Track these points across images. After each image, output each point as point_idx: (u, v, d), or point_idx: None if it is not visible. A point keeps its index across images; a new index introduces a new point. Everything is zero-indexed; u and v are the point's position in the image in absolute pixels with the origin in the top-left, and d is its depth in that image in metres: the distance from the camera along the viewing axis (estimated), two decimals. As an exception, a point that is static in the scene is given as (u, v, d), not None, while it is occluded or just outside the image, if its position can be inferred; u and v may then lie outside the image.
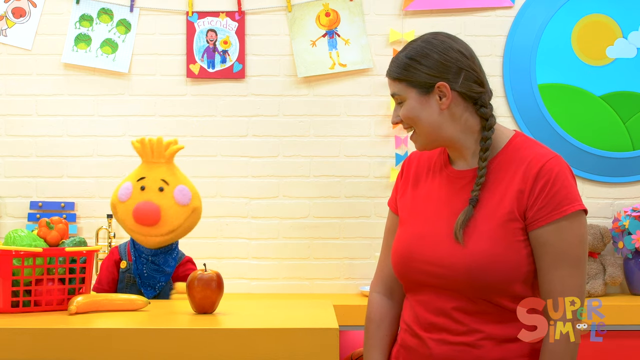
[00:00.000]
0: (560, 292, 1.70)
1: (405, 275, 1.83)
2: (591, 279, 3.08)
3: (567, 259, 1.70)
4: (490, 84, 1.83)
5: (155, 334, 1.62)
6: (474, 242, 1.72)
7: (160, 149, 2.39)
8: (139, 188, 2.36)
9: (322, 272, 3.19)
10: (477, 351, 1.73)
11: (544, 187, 1.71)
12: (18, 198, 3.18)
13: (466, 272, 1.70)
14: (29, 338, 1.62)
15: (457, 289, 1.73)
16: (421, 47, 1.77)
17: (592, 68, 3.21)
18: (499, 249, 1.71)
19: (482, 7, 3.23)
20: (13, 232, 1.95)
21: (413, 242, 1.81)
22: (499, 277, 1.70)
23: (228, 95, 3.21)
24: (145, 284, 2.37)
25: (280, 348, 1.59)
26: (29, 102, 3.19)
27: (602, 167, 3.20)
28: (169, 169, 2.39)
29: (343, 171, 3.21)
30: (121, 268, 2.40)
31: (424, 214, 1.83)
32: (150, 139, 2.39)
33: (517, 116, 3.20)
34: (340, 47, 3.20)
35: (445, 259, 1.73)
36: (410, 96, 1.78)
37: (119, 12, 3.19)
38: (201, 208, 2.43)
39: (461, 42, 1.80)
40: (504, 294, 1.71)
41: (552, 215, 1.70)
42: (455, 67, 1.75)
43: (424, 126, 1.78)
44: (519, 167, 1.75)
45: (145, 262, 2.38)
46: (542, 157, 1.74)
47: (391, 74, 1.81)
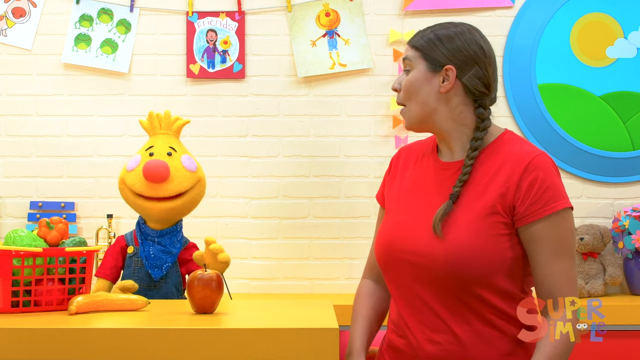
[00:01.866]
0: (563, 285, 1.70)
1: (387, 266, 1.84)
2: (591, 279, 3.07)
3: (565, 251, 1.72)
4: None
5: (155, 334, 1.62)
6: (453, 234, 1.73)
7: (168, 121, 2.53)
8: (147, 154, 2.47)
9: (322, 272, 3.19)
10: (464, 350, 1.73)
11: (533, 183, 1.72)
12: (18, 198, 3.18)
13: (445, 263, 1.71)
14: (29, 338, 1.62)
15: (437, 281, 1.74)
16: (450, 31, 1.81)
17: (592, 68, 3.21)
18: (478, 241, 1.71)
19: (482, 7, 3.23)
20: (13, 232, 1.95)
21: (394, 231, 1.82)
22: (479, 269, 1.70)
23: (228, 95, 3.22)
24: (153, 264, 2.43)
25: (280, 348, 1.59)
26: (29, 102, 3.19)
27: (602, 167, 3.20)
28: (176, 140, 2.54)
29: (343, 171, 3.21)
30: (128, 253, 2.48)
31: (408, 203, 1.84)
32: (158, 113, 2.54)
33: (517, 116, 3.20)
34: (340, 47, 3.20)
35: (425, 249, 1.74)
36: (418, 67, 1.81)
37: (119, 12, 3.19)
38: (205, 181, 2.55)
39: (489, 44, 1.84)
40: (486, 287, 1.72)
41: (544, 211, 1.71)
42: (470, 59, 1.79)
43: (418, 101, 1.81)
44: (505, 163, 1.76)
45: (152, 243, 2.45)
46: (528, 154, 1.75)
47: (412, 42, 1.84)
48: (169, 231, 2.47)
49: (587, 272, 3.08)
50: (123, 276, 2.48)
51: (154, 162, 2.42)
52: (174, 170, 2.43)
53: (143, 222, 2.50)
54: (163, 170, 2.41)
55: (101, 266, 2.50)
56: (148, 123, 2.54)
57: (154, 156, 2.45)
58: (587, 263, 3.09)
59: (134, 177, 2.45)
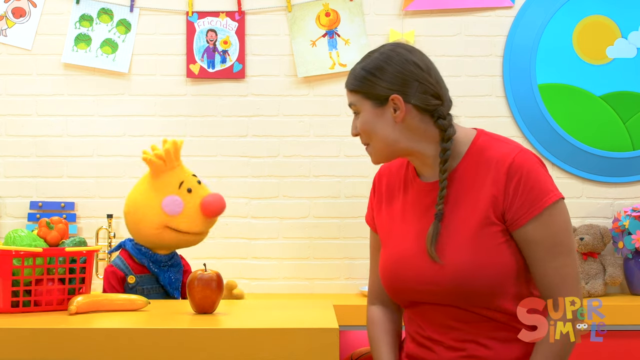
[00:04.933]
0: (559, 283, 1.70)
1: (397, 296, 1.85)
2: (591, 279, 3.07)
3: (559, 249, 1.70)
4: (490, 84, 1.84)
5: (155, 334, 1.62)
6: (452, 255, 1.71)
7: (178, 151, 2.43)
8: (186, 191, 2.38)
9: (322, 272, 3.19)
10: (488, 352, 1.73)
11: (518, 186, 1.70)
12: (18, 198, 3.18)
13: (452, 286, 1.70)
14: (29, 338, 1.62)
15: (449, 303, 1.74)
16: (378, 60, 1.78)
17: (592, 68, 3.21)
18: (480, 257, 1.70)
19: (482, 7, 3.23)
20: (13, 232, 1.95)
21: (395, 264, 1.82)
22: (486, 284, 1.69)
23: (228, 95, 3.21)
24: (175, 287, 2.39)
25: (280, 348, 1.59)
26: (29, 102, 3.19)
27: (602, 167, 3.20)
28: (183, 165, 2.47)
29: (343, 171, 3.21)
30: (129, 284, 2.36)
31: (400, 232, 1.83)
32: (167, 148, 2.40)
33: (517, 116, 3.20)
34: (340, 47, 3.20)
35: (429, 278, 1.73)
36: (365, 108, 1.80)
37: (119, 12, 3.19)
38: None
39: (419, 54, 1.79)
40: (498, 296, 1.71)
41: (531, 212, 1.69)
42: (410, 80, 1.75)
43: (378, 138, 1.79)
44: (488, 171, 1.73)
45: (168, 268, 2.41)
46: (507, 155, 1.72)
47: (348, 86, 1.83)
48: (173, 252, 2.45)
49: (587, 272, 3.08)
50: None
51: (213, 198, 2.39)
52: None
53: (151, 251, 2.40)
54: (223, 202, 2.42)
55: None
56: (165, 158, 2.39)
57: (193, 193, 2.39)
58: (587, 263, 3.09)
59: (186, 219, 2.36)
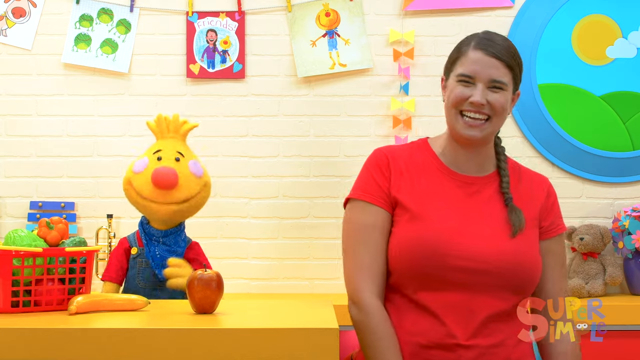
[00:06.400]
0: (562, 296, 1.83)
1: (432, 273, 1.75)
2: (591, 279, 3.07)
3: (566, 270, 1.91)
4: None
5: (155, 334, 1.62)
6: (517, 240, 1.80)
7: (177, 125, 2.52)
8: (156, 159, 2.46)
9: (322, 272, 3.19)
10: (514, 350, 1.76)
11: (554, 204, 1.90)
12: (18, 198, 3.18)
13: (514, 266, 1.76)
14: (29, 338, 1.62)
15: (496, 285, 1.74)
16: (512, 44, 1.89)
17: (592, 68, 3.21)
18: (533, 249, 1.82)
19: (482, 7, 3.23)
20: (13, 232, 1.94)
21: (445, 237, 1.76)
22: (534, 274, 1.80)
23: (228, 95, 3.21)
24: (159, 264, 2.42)
25: (280, 348, 1.59)
26: (29, 102, 3.19)
27: (602, 167, 3.20)
28: (183, 144, 2.53)
29: (343, 171, 3.21)
30: (132, 254, 2.47)
31: (444, 210, 1.80)
32: (159, 116, 2.53)
33: (517, 116, 3.19)
34: (340, 47, 3.20)
35: (493, 255, 1.76)
36: (507, 88, 1.85)
37: (119, 12, 3.19)
38: (211, 184, 2.55)
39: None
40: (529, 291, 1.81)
41: (559, 228, 1.89)
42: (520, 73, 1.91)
43: (502, 120, 1.87)
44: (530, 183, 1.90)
45: (157, 244, 2.45)
46: (544, 177, 1.95)
47: (504, 58, 1.83)
48: (173, 231, 2.47)
49: (587, 272, 3.08)
50: (128, 277, 2.47)
51: (163, 169, 2.42)
52: (181, 176, 2.43)
53: (147, 222, 2.49)
54: (172, 178, 2.41)
55: (107, 269, 2.49)
56: (156, 126, 2.53)
57: (162, 161, 2.44)
58: (587, 263, 3.09)
59: (141, 180, 2.44)
